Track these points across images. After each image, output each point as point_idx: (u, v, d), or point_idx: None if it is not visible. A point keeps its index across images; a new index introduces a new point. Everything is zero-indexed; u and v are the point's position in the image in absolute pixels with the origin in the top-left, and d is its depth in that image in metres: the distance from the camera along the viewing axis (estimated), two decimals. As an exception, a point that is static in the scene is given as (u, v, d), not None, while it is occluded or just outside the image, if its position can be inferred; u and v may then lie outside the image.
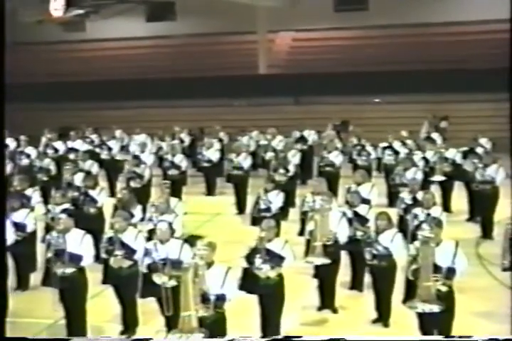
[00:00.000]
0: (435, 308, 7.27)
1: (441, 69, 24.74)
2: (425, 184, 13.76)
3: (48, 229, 10.93)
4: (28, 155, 17.56)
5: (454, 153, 15.23)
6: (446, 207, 14.26)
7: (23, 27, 27.55)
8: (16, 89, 26.80)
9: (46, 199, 13.28)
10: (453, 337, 7.46)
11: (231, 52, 28.13)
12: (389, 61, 25.59)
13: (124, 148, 18.97)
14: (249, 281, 8.01)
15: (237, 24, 26.95)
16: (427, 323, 7.62)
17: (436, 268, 7.37)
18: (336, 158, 16.17)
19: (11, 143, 19.82)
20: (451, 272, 7.47)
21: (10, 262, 10.18)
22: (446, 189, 14.82)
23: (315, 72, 25.85)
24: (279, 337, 7.91)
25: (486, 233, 12.88)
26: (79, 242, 8.50)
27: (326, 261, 9.07)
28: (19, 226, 10.43)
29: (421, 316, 7.59)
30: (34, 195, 12.42)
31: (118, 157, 18.06)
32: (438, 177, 14.57)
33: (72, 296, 8.49)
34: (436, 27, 26.74)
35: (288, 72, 27.12)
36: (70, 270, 8.38)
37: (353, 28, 27.79)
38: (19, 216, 10.60)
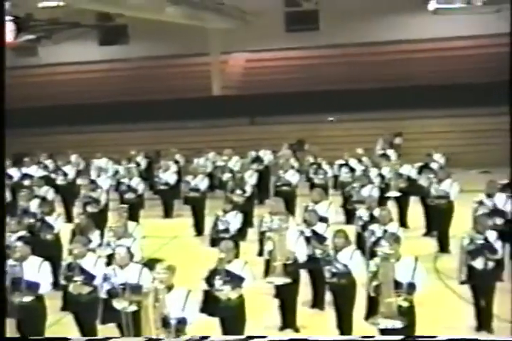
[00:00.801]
0: (397, 324, 7.32)
1: (392, 86, 25.11)
2: (382, 200, 13.89)
3: (3, 257, 10.75)
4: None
5: (408, 169, 15.43)
6: (403, 223, 14.41)
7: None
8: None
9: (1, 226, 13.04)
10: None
11: (185, 75, 28.22)
12: (342, 80, 25.92)
13: (80, 173, 18.80)
14: (210, 304, 7.98)
15: (189, 46, 27.08)
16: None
17: (397, 284, 7.44)
18: (292, 177, 16.23)
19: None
20: (411, 287, 7.55)
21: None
22: (402, 204, 14.98)
23: (269, 92, 26.05)
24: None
25: (443, 247, 13.03)
26: (36, 270, 8.39)
27: (287, 280, 9.10)
28: (-25, 256, 10.23)
29: (383, 332, 7.63)
30: (-11, 223, 12.21)
31: (78, 182, 17.83)
32: (394, 193, 14.73)
33: (31, 325, 8.35)
34: (385, 45, 27.21)
35: (242, 93, 27.27)
36: (27, 298, 8.25)
37: (305, 47, 28.12)
38: (-26, 245, 10.40)
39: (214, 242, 11.76)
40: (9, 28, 21.35)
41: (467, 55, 25.85)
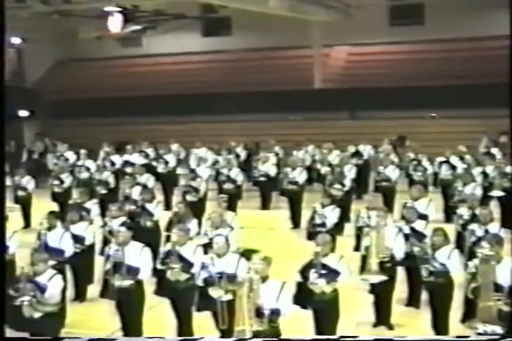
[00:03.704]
0: (497, 329, 7.06)
1: (498, 83, 24.27)
2: (484, 199, 13.52)
3: (105, 241, 11.09)
4: (88, 169, 17.87)
5: (514, 169, 14.99)
6: (506, 223, 13.96)
7: (82, 43, 28.12)
8: (74, 104, 27.50)
9: (104, 212, 13.45)
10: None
11: (286, 67, 28.18)
12: (445, 75, 25.33)
13: (180, 162, 19.15)
14: (303, 296, 7.97)
15: (292, 39, 27.01)
16: (487, 344, 7.43)
17: (497, 287, 7.21)
18: (392, 172, 16.03)
19: (70, 156, 20.24)
20: (513, 291, 7.30)
21: (68, 274, 10.35)
22: (505, 204, 14.54)
23: (370, 87, 25.74)
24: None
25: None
26: (137, 255, 8.60)
27: (382, 278, 8.99)
28: (78, 239, 10.58)
29: (481, 336, 7.40)
30: (93, 207, 12.61)
31: (178, 171, 18.20)
32: (497, 193, 14.33)
33: (129, 308, 8.58)
34: (492, 40, 26.33)
35: (343, 86, 27.04)
36: (127, 282, 8.47)
37: (408, 42, 27.60)
38: (78, 228, 10.76)
39: (310, 235, 11.76)
40: (117, 19, 21.97)
41: None
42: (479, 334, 7.31)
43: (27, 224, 15.84)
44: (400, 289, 9.85)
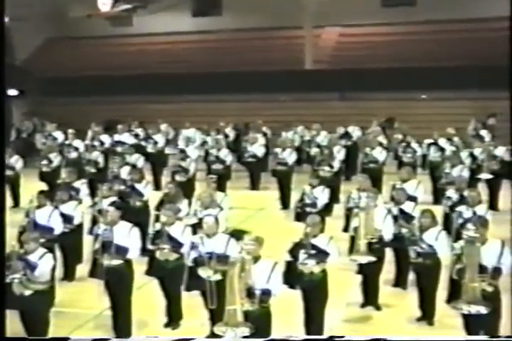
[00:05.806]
0: (481, 309, 7.12)
1: (488, 65, 24.35)
2: (472, 182, 13.58)
3: (95, 221, 11.10)
4: (76, 148, 17.82)
5: (503, 151, 15.03)
6: (493, 205, 14.09)
7: (72, 22, 27.91)
8: (63, 83, 27.33)
9: (93, 191, 13.45)
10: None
11: (277, 47, 28.07)
12: (436, 57, 25.29)
13: (169, 142, 19.11)
14: (292, 276, 8.01)
15: (283, 19, 26.89)
16: (472, 324, 7.48)
17: (482, 268, 7.26)
18: (379, 154, 16.05)
19: (59, 136, 20.17)
20: (497, 272, 7.34)
21: (57, 253, 10.37)
22: (493, 187, 14.64)
23: (361, 68, 25.68)
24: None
25: (534, 232, 12.68)
26: (126, 235, 8.61)
27: (371, 258, 9.04)
28: (67, 218, 10.59)
29: (466, 317, 7.46)
30: (82, 187, 12.60)
31: (166, 151, 18.17)
32: (485, 175, 14.40)
33: (118, 288, 8.59)
34: (483, 22, 26.32)
35: (334, 67, 26.96)
36: (116, 262, 8.49)
37: (400, 23, 27.50)
38: (67, 208, 10.77)
39: (299, 216, 11.80)
40: (107, -3, 21.83)
41: None
42: (464, 315, 7.38)
43: (15, 204, 15.82)
44: (388, 270, 9.92)
